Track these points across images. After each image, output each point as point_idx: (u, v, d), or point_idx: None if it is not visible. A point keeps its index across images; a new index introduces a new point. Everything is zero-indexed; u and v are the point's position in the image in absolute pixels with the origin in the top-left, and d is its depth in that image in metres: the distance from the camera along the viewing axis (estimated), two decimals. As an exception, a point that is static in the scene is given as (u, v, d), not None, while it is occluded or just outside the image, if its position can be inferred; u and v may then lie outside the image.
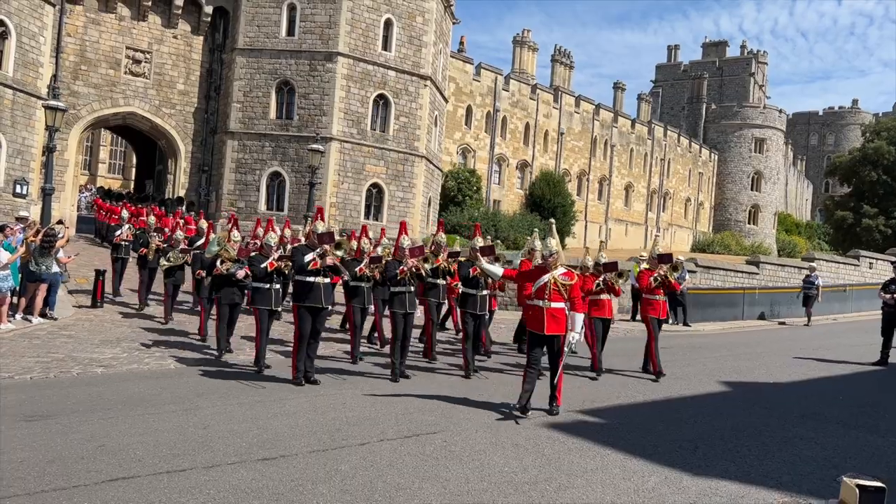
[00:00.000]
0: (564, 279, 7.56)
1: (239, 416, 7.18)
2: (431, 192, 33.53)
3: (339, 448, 6.26)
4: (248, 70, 29.00)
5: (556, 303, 7.52)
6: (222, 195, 29.13)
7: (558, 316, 7.51)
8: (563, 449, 6.61)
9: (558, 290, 7.50)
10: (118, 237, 15.96)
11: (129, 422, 6.86)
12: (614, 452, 6.56)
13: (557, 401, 7.74)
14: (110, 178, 69.64)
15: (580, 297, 7.67)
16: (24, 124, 23.68)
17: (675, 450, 6.79)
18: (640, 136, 55.45)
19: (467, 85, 40.43)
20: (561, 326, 7.51)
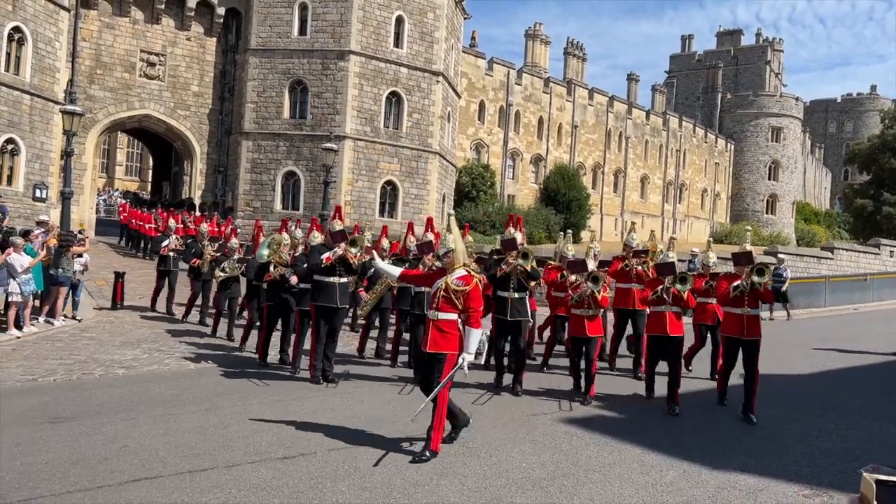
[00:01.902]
0: (458, 284, 6.03)
1: (258, 416, 7.25)
2: (445, 189, 33.54)
3: (357, 446, 6.31)
4: (262, 70, 29.15)
5: (444, 313, 6.04)
6: (238, 195, 29.34)
7: (447, 331, 6.02)
8: (580, 444, 6.62)
9: (449, 297, 6.02)
10: (165, 248, 14.58)
11: (150, 422, 6.95)
12: (632, 447, 6.56)
13: (431, 445, 5.95)
14: (127, 180, 70.32)
15: (479, 309, 6.05)
16: (42, 129, 23.97)
17: (693, 444, 6.78)
18: (655, 127, 55.07)
19: (480, 80, 40.35)
20: (450, 343, 6.00)
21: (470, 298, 6.03)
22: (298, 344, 9.61)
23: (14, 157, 23.01)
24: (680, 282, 8.01)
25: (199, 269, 13.15)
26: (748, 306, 7.77)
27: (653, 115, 55.64)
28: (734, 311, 7.90)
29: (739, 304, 7.82)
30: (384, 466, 5.78)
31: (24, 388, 8.46)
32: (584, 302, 8.28)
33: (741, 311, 7.80)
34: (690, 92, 71.24)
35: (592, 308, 8.28)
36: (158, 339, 11.88)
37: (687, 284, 8.04)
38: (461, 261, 6.15)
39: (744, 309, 7.77)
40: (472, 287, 6.06)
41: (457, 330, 6.07)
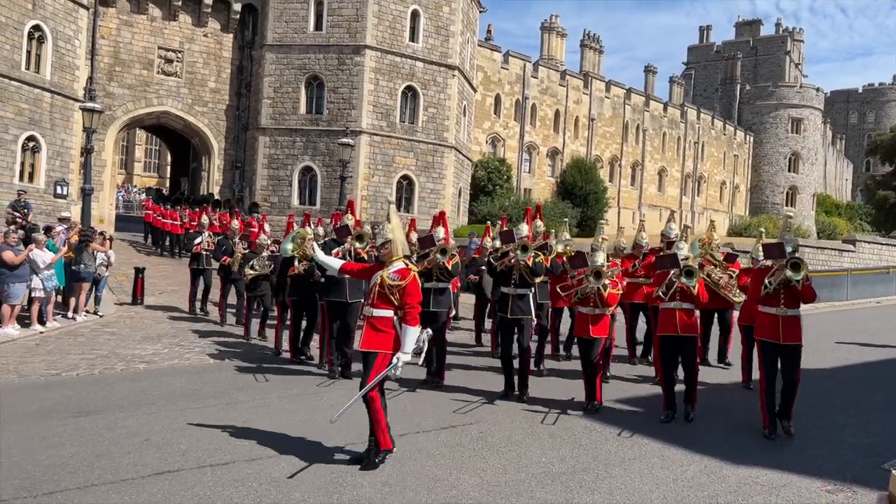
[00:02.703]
0: (394, 278, 5.61)
1: (278, 410, 7.30)
2: (461, 183, 33.49)
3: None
4: (278, 66, 29.24)
5: (379, 310, 5.66)
6: (256, 191, 29.48)
7: (381, 328, 5.63)
8: (599, 439, 6.60)
9: (384, 293, 5.62)
10: (198, 246, 14.12)
11: (172, 416, 7.02)
12: (652, 441, 6.53)
13: (381, 445, 5.65)
14: (146, 176, 70.93)
15: (415, 305, 5.59)
16: (62, 126, 24.23)
17: (714, 438, 6.73)
18: (673, 119, 54.59)
19: (495, 73, 40.19)
20: (383, 342, 5.60)
21: (406, 293, 5.57)
22: (323, 339, 9.69)
23: (35, 155, 23.29)
24: (686, 276, 7.13)
25: (229, 268, 12.71)
26: (785, 305, 6.70)
27: (670, 107, 55.16)
28: (768, 311, 6.79)
29: (774, 302, 6.74)
30: (404, 461, 5.79)
31: (48, 382, 8.58)
32: (590, 299, 7.56)
33: (776, 310, 6.72)
34: (709, 83, 70.50)
35: (599, 306, 7.55)
36: (178, 334, 11.99)
37: (694, 278, 7.14)
38: (399, 253, 5.72)
39: (780, 308, 6.71)
40: (408, 281, 5.59)
41: (392, 328, 5.62)
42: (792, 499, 5.31)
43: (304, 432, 6.53)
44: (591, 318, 7.57)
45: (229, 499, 4.95)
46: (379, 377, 5.51)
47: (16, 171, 22.36)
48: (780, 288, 6.72)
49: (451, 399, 7.90)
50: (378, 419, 5.62)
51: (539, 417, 7.24)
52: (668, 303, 7.27)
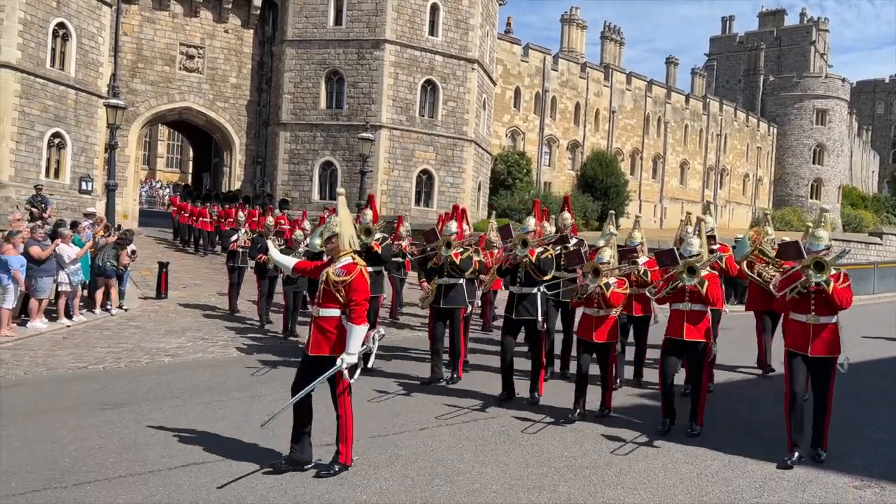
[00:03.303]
0: (339, 274, 5.20)
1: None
2: (481, 177, 33.44)
3: (398, 433, 6.36)
4: (298, 61, 29.36)
5: (326, 309, 5.26)
6: (277, 186, 29.68)
7: (329, 329, 5.24)
8: (622, 433, 6.56)
9: (330, 290, 5.23)
10: (235, 243, 13.66)
11: (197, 409, 7.10)
12: (674, 436, 6.48)
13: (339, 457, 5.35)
14: (168, 172, 71.60)
15: (362, 302, 5.18)
16: (87, 123, 24.54)
17: (738, 434, 6.67)
18: (695, 111, 54.02)
19: (515, 66, 40.02)
20: (330, 345, 5.22)
21: (352, 290, 5.14)
22: None
23: (61, 151, 23.62)
24: (689, 273, 6.32)
25: (265, 266, 12.10)
26: (816, 312, 5.79)
27: (692, 99, 54.60)
28: (797, 318, 5.94)
29: (804, 308, 5.86)
30: (426, 454, 5.80)
31: (76, 375, 8.72)
32: (594, 300, 6.89)
33: (806, 318, 5.84)
34: (731, 75, 69.63)
35: (603, 307, 6.87)
36: (202, 327, 12.12)
37: (696, 276, 6.32)
38: (346, 247, 5.29)
39: (810, 315, 5.81)
40: (353, 277, 5.16)
41: (338, 328, 5.23)
42: (819, 494, 5.25)
43: (325, 425, 6.56)
44: (595, 319, 6.93)
45: (254, 490, 5.00)
46: (318, 381, 5.16)
47: (42, 167, 22.70)
48: (811, 293, 5.79)
49: (472, 393, 7.91)
50: (345, 428, 5.30)
51: (560, 413, 7.20)
52: (676, 304, 6.58)
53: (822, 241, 5.98)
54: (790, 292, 5.87)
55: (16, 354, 9.62)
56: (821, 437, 5.93)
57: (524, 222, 8.15)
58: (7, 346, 10.07)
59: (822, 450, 5.90)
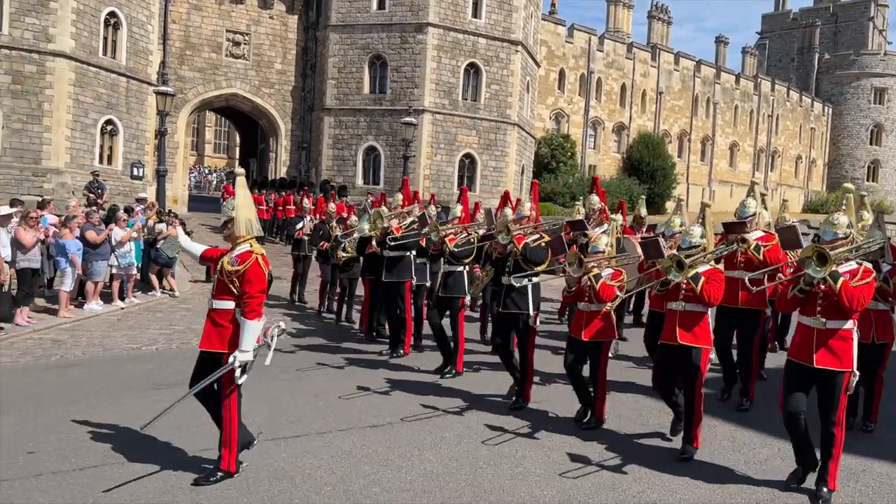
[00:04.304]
0: (233, 263, 4.75)
1: (346, 385, 7.45)
2: (524, 160, 33.20)
3: (441, 416, 6.41)
4: (342, 46, 29.49)
5: (220, 301, 4.82)
6: (321, 171, 29.97)
7: (222, 323, 4.81)
8: (667, 420, 6.48)
9: (223, 280, 4.79)
10: (300, 231, 13.33)
11: (247, 391, 7.23)
12: (722, 424, 6.40)
13: (221, 463, 4.91)
14: (216, 157, 72.89)
15: (256, 294, 4.70)
16: (137, 110, 25.13)
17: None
18: (746, 91, 52.55)
19: (560, 48, 39.48)
20: (225, 340, 4.80)
21: (245, 281, 4.68)
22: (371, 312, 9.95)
23: (113, 138, 24.25)
24: (678, 268, 5.24)
25: (328, 253, 11.92)
26: (823, 314, 4.74)
27: (743, 79, 53.12)
28: (802, 321, 4.89)
29: (809, 309, 4.82)
30: (469, 438, 5.82)
31: (131, 356, 9.02)
32: (584, 293, 6.11)
33: (812, 321, 4.79)
34: (784, 53, 67.41)
35: (595, 302, 6.04)
36: (250, 310, 12.34)
37: (683, 272, 5.25)
38: (243, 232, 4.83)
39: (815, 318, 4.76)
40: (247, 266, 4.70)
41: (232, 322, 4.79)
42: (872, 485, 5.12)
43: (370, 406, 6.65)
44: (586, 315, 6.09)
45: (302, 469, 5.11)
46: (209, 380, 4.80)
47: (96, 153, 23.35)
48: (819, 291, 4.75)
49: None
50: (229, 430, 4.86)
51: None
52: (670, 303, 5.60)
53: (839, 228, 4.90)
54: (792, 289, 4.85)
55: (74, 335, 9.98)
56: (825, 475, 4.81)
57: (520, 207, 7.41)
58: (65, 327, 10.46)
59: (824, 494, 4.78)
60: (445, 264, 7.98)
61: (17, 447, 5.37)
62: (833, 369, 4.68)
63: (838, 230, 4.91)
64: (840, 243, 4.86)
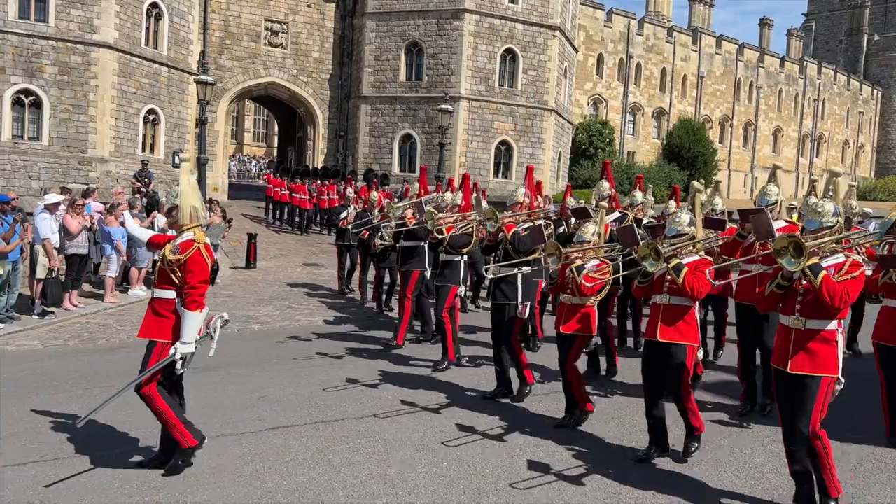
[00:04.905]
0: (175, 251, 4.62)
1: (380, 373, 7.51)
2: (561, 147, 32.89)
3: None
4: (378, 34, 29.50)
5: (161, 290, 4.71)
6: (358, 159, 30.12)
7: (162, 313, 4.68)
8: (706, 415, 6.38)
9: (165, 269, 4.67)
10: (344, 221, 12.85)
11: (283, 375, 7.39)
12: (764, 418, 6.28)
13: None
14: (255, 146, 73.80)
15: (197, 285, 4.59)
16: (178, 99, 25.55)
17: (833, 415, 6.38)
18: (791, 75, 51.17)
19: (598, 32, 38.92)
20: (163, 330, 4.67)
21: (185, 271, 4.56)
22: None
23: (155, 127, 24.71)
24: (655, 257, 4.67)
25: (369, 242, 11.51)
26: (802, 313, 4.24)
27: (788, 63, 51.72)
28: (782, 321, 4.40)
29: (788, 307, 4.34)
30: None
31: (173, 340, 9.20)
32: (567, 285, 5.73)
33: (790, 320, 4.30)
34: (831, 35, 65.39)
35: (577, 295, 5.66)
36: (289, 296, 12.54)
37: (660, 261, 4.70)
38: (187, 220, 4.70)
39: (794, 317, 4.27)
40: (187, 256, 4.57)
41: (174, 312, 4.66)
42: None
43: (404, 394, 6.70)
44: (567, 308, 5.75)
45: (340, 454, 5.17)
46: (150, 370, 4.63)
47: (139, 142, 23.83)
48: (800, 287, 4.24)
49: (547, 371, 7.88)
50: (166, 419, 4.70)
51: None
52: (654, 296, 5.16)
53: (825, 216, 4.33)
54: (770, 285, 4.34)
55: (119, 320, 10.25)
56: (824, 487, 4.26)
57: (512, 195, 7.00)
58: (111, 311, 10.74)
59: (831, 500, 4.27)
60: (443, 253, 7.70)
61: (69, 426, 5.54)
62: (809, 374, 4.17)
63: (823, 219, 4.33)
64: (825, 233, 4.32)
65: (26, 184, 20.75)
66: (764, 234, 4.81)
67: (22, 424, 5.64)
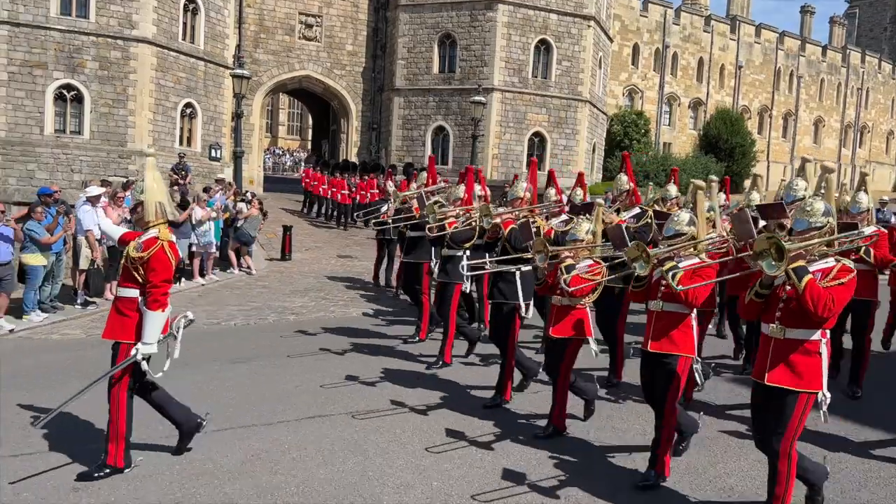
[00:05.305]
0: (138, 249, 4.53)
1: (408, 365, 7.51)
2: (596, 138, 32.54)
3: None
4: (412, 26, 29.48)
5: (124, 289, 4.61)
6: (391, 152, 30.17)
7: (126, 313, 4.58)
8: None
9: (128, 267, 4.58)
10: (385, 215, 12.33)
11: (316, 366, 7.44)
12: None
13: (107, 459, 4.59)
14: (289, 139, 74.49)
15: (159, 283, 4.51)
16: (215, 93, 25.87)
17: (885, 410, 6.22)
18: (833, 64, 49.83)
19: (633, 22, 38.34)
20: (127, 330, 4.56)
21: (148, 269, 4.46)
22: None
23: (192, 120, 25.06)
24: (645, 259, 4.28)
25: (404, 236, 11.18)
26: (782, 321, 3.94)
27: (830, 51, 50.39)
28: (763, 331, 4.08)
29: (768, 315, 4.02)
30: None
31: (211, 331, 9.36)
32: (557, 286, 5.36)
33: (770, 329, 3.99)
34: (876, 22, 63.50)
35: (566, 295, 5.31)
36: (324, 288, 12.63)
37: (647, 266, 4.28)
38: (153, 217, 4.59)
39: (774, 326, 3.96)
40: (150, 254, 4.47)
41: (138, 311, 4.55)
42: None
43: (430, 384, 6.70)
44: (557, 309, 5.42)
45: (375, 443, 5.20)
46: (109, 372, 4.57)
47: (176, 135, 24.19)
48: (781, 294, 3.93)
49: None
50: (116, 428, 4.52)
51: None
52: (650, 301, 4.73)
53: (814, 215, 3.92)
54: (750, 292, 4.02)
55: (158, 310, 10.41)
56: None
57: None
58: (150, 302, 10.92)
59: None
60: (445, 248, 7.36)
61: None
62: (787, 390, 3.83)
63: (812, 218, 3.92)
64: (814, 234, 3.90)
65: (68, 177, 21.24)
66: (743, 235, 4.31)
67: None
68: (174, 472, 4.66)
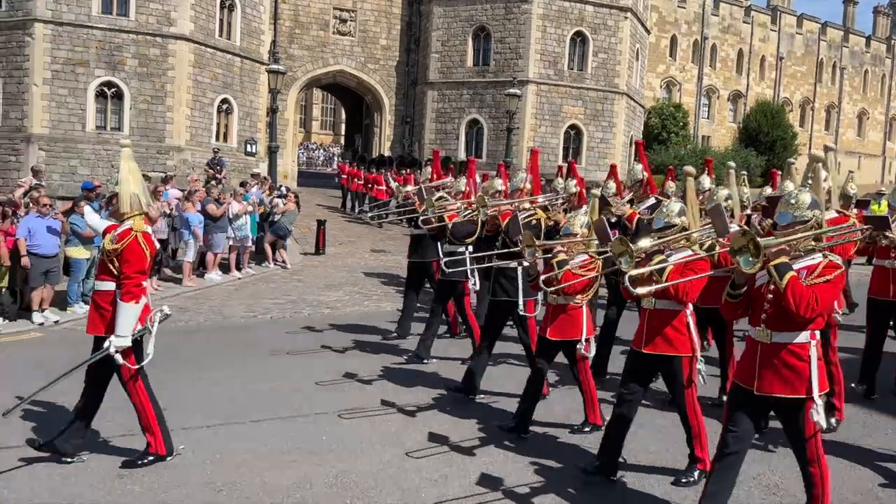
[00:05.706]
0: (113, 241, 4.45)
1: (438, 363, 7.43)
2: (633, 131, 32.09)
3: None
4: (445, 19, 29.39)
5: (101, 282, 4.57)
6: (424, 145, 30.15)
7: (102, 305, 4.51)
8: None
9: (104, 260, 4.53)
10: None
11: (352, 360, 7.43)
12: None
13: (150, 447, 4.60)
14: (323, 134, 75.00)
15: (133, 275, 4.41)
16: (250, 88, 26.13)
17: None
18: (877, 55, 48.44)
19: (671, 13, 37.72)
20: (106, 322, 4.48)
21: (122, 260, 4.39)
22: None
23: (228, 116, 25.35)
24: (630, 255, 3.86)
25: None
26: (769, 324, 3.67)
27: (874, 41, 48.99)
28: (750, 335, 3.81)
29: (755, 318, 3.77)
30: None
31: (248, 323, 9.44)
32: (552, 283, 5.08)
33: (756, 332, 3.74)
34: (924, 10, 61.48)
35: (561, 294, 5.06)
36: (358, 282, 12.67)
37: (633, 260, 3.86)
38: (128, 208, 4.50)
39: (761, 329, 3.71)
40: (124, 245, 4.39)
41: (112, 304, 4.47)
42: None
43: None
44: (553, 309, 5.16)
45: (412, 437, 5.16)
46: (84, 363, 4.54)
47: (213, 131, 24.49)
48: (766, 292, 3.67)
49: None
50: (147, 417, 4.57)
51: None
52: (643, 299, 4.40)
53: (799, 209, 3.65)
54: (725, 291, 3.77)
55: (196, 303, 10.56)
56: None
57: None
58: (189, 295, 11.08)
59: None
60: (446, 244, 7.09)
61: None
62: (785, 397, 3.57)
63: (797, 212, 3.65)
64: (798, 229, 3.63)
65: (109, 172, 21.59)
66: (722, 231, 4.04)
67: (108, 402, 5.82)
68: (216, 461, 4.70)
